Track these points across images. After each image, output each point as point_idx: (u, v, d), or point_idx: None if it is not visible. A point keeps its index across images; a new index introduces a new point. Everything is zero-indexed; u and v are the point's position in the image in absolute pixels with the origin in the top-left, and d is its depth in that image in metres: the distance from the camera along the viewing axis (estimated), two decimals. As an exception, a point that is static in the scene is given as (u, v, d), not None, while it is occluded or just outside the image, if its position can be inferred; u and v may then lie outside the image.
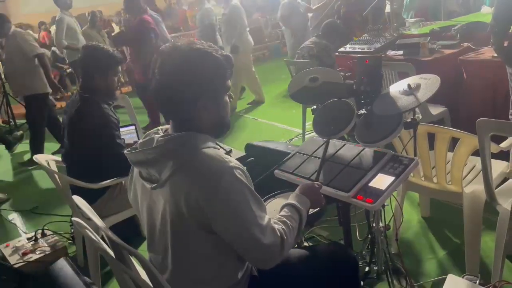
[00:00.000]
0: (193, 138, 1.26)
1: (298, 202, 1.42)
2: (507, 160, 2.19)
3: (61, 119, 3.49)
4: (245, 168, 1.29)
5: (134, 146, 1.33)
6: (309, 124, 4.15)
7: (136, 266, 1.38)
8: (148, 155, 1.27)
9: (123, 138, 2.53)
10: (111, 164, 2.34)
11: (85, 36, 6.93)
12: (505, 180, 2.12)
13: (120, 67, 2.52)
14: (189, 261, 1.30)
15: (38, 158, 2.45)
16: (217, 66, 1.28)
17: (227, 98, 1.36)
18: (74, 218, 1.37)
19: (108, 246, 1.30)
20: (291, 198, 1.45)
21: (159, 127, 1.38)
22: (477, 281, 1.45)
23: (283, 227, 1.31)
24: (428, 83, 1.72)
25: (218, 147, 1.34)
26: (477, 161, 2.12)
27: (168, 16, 8.37)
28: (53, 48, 8.53)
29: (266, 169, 1.93)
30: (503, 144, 2.04)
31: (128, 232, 2.66)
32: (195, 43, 1.29)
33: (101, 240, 1.32)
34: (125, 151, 1.33)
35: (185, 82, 1.24)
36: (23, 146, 5.43)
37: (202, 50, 1.27)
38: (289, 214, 1.38)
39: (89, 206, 1.49)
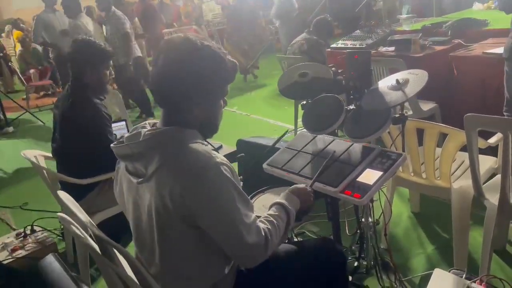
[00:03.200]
0: (181, 133, 1.26)
1: (287, 201, 1.42)
2: (496, 156, 2.21)
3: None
4: (231, 164, 1.29)
5: (120, 139, 1.32)
6: (301, 121, 4.14)
7: (124, 262, 1.37)
8: (134, 149, 1.26)
9: (115, 134, 2.52)
10: (103, 159, 2.33)
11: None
12: (493, 175, 2.13)
13: (111, 62, 2.50)
14: (175, 256, 1.30)
15: (27, 153, 2.43)
16: (222, 68, 1.29)
17: (222, 102, 1.37)
18: (59, 214, 1.35)
19: (94, 242, 1.29)
20: (281, 197, 1.45)
21: (147, 121, 1.38)
22: (464, 275, 1.46)
23: (269, 226, 1.30)
24: (416, 78, 1.72)
25: (206, 143, 1.34)
26: (465, 157, 2.13)
27: (160, 12, 8.30)
28: (33, 45, 8.54)
29: (256, 164, 1.93)
30: (491, 140, 2.05)
31: (118, 228, 2.64)
32: (207, 40, 1.30)
33: (87, 236, 1.31)
34: (111, 145, 1.32)
35: (189, 74, 1.24)
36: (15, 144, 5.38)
37: (212, 48, 1.28)
38: (276, 213, 1.37)
39: (75, 202, 1.48)
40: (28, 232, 2.81)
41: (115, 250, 1.23)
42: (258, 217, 1.35)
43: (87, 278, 2.32)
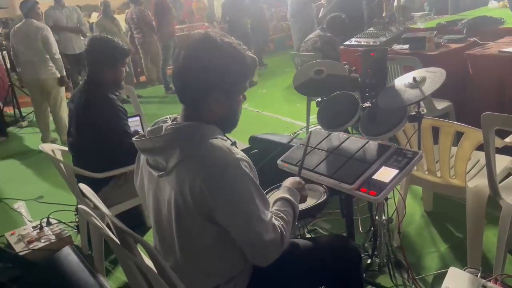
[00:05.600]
0: (201, 128, 1.28)
1: (291, 196, 1.43)
2: (511, 155, 2.19)
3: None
4: (250, 160, 1.30)
5: (142, 133, 1.35)
6: (313, 118, 4.15)
7: (141, 254, 1.40)
8: (156, 143, 1.28)
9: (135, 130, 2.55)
10: (118, 153, 2.35)
11: (98, 27, 6.86)
12: (509, 175, 2.11)
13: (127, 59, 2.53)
14: (193, 250, 1.31)
15: (44, 147, 2.47)
16: (242, 64, 1.31)
17: (241, 97, 1.39)
18: (79, 206, 1.38)
19: (113, 234, 1.31)
20: (284, 192, 1.45)
21: (168, 116, 1.40)
22: (479, 274, 1.46)
23: (282, 223, 1.32)
24: (433, 76, 1.71)
25: (225, 138, 1.35)
26: (481, 156, 2.12)
27: (173, 7, 8.32)
28: None
29: (269, 161, 1.93)
30: (508, 139, 2.04)
31: (132, 222, 2.68)
32: (227, 37, 1.31)
33: (106, 227, 1.33)
34: (133, 138, 1.35)
35: (209, 71, 1.26)
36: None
37: (232, 44, 1.30)
38: (284, 208, 1.38)
39: (95, 194, 1.50)
40: (44, 224, 2.86)
41: (134, 241, 1.25)
42: None
43: (102, 270, 2.36)
